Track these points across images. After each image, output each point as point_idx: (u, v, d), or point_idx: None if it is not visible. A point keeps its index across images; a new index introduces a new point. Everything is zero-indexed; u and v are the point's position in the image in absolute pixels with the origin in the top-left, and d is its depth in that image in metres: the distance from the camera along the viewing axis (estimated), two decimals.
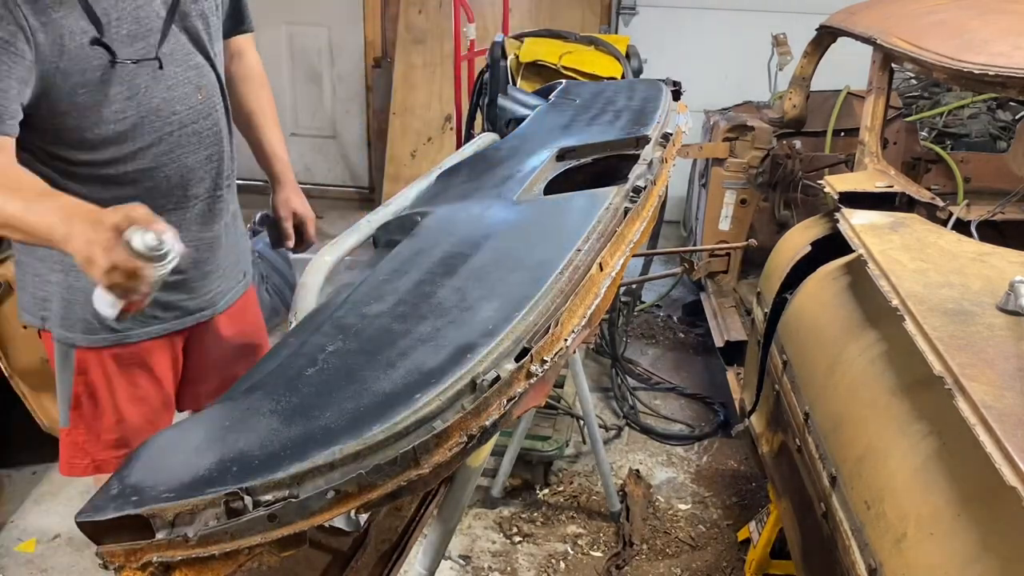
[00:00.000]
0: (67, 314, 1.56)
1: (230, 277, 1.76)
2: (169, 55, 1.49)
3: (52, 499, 2.84)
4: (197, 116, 1.56)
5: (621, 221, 1.22)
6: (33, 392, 2.77)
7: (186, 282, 1.64)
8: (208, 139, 1.59)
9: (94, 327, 1.56)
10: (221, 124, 1.63)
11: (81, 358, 1.59)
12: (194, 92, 1.55)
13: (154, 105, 1.48)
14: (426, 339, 0.90)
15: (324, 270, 1.24)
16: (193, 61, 1.55)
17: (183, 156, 1.55)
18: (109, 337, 1.58)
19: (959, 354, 1.29)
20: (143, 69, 1.45)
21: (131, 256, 1.11)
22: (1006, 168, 3.44)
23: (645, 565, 2.61)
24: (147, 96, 1.47)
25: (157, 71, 1.47)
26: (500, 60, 2.67)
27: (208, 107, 1.58)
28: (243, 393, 0.87)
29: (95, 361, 1.59)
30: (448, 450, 0.78)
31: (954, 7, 2.37)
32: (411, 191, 1.47)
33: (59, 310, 1.56)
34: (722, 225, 3.54)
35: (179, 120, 1.53)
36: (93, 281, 1.15)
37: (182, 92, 1.53)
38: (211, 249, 1.68)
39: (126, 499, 0.73)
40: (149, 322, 1.61)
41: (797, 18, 4.03)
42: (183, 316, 1.66)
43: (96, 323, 1.55)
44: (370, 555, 1.35)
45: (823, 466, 1.59)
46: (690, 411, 3.48)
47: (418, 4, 5.16)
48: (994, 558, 1.11)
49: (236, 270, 1.79)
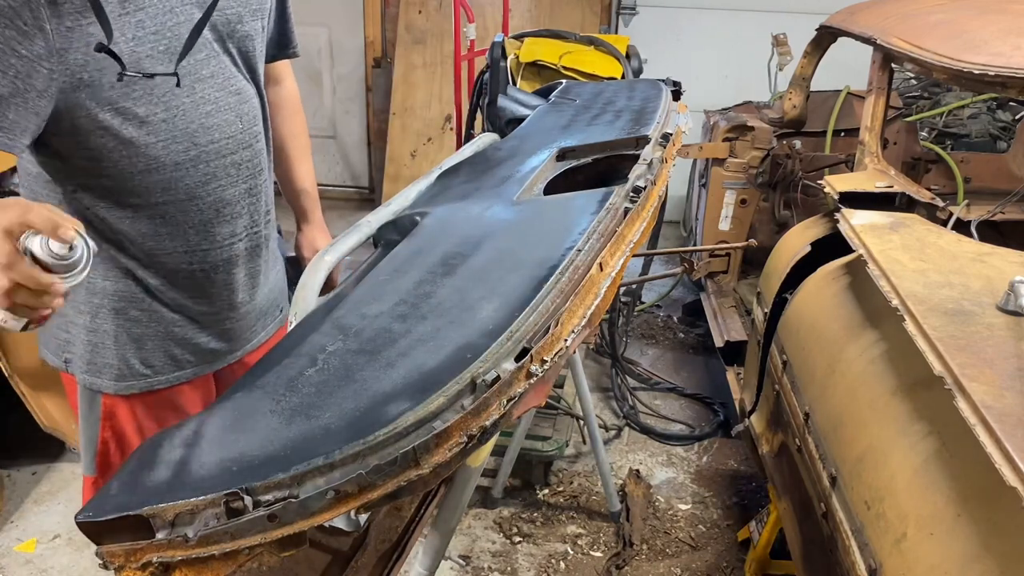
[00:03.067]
0: (93, 359, 1.44)
1: (267, 315, 1.65)
2: (209, 78, 1.36)
3: (52, 499, 2.84)
4: (237, 146, 1.42)
5: (621, 221, 1.22)
6: (33, 392, 2.77)
7: (222, 325, 1.53)
8: (247, 171, 1.45)
9: (123, 374, 1.45)
10: (262, 156, 1.50)
11: (108, 404, 1.47)
12: (235, 120, 1.41)
13: (190, 130, 1.35)
14: (426, 339, 0.90)
15: (324, 270, 1.24)
16: (235, 86, 1.41)
17: (220, 189, 1.41)
18: (138, 384, 1.47)
19: (959, 354, 1.29)
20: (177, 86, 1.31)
21: (35, 269, 0.93)
22: (1006, 168, 3.45)
23: (645, 565, 2.61)
24: (183, 120, 1.33)
25: (195, 93, 1.33)
26: (500, 60, 2.68)
27: (249, 136, 1.44)
28: (243, 393, 0.87)
29: (124, 408, 1.48)
30: (448, 450, 0.78)
31: (954, 7, 2.37)
32: (411, 191, 1.46)
33: (84, 354, 1.44)
34: (722, 225, 3.54)
35: (217, 150, 1.39)
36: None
37: (222, 119, 1.38)
38: (250, 290, 1.56)
39: (126, 499, 0.73)
40: (182, 365, 1.50)
41: (797, 18, 4.03)
42: (215, 360, 1.55)
43: (125, 369, 1.44)
44: (370, 555, 1.35)
45: (823, 466, 1.59)
46: (690, 411, 3.48)
47: (418, 4, 5.16)
48: (994, 558, 1.11)
49: (273, 307, 1.67)
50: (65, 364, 1.47)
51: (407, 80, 5.20)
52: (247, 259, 1.52)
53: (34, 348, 2.70)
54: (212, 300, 1.49)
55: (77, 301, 1.41)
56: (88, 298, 1.41)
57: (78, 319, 1.43)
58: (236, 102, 1.41)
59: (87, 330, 1.43)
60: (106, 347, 1.43)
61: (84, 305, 1.42)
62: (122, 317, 1.42)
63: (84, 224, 1.10)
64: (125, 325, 1.43)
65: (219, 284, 1.48)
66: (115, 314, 1.42)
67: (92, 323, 1.43)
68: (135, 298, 1.42)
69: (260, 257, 1.56)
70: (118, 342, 1.43)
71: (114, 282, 1.40)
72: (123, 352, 1.44)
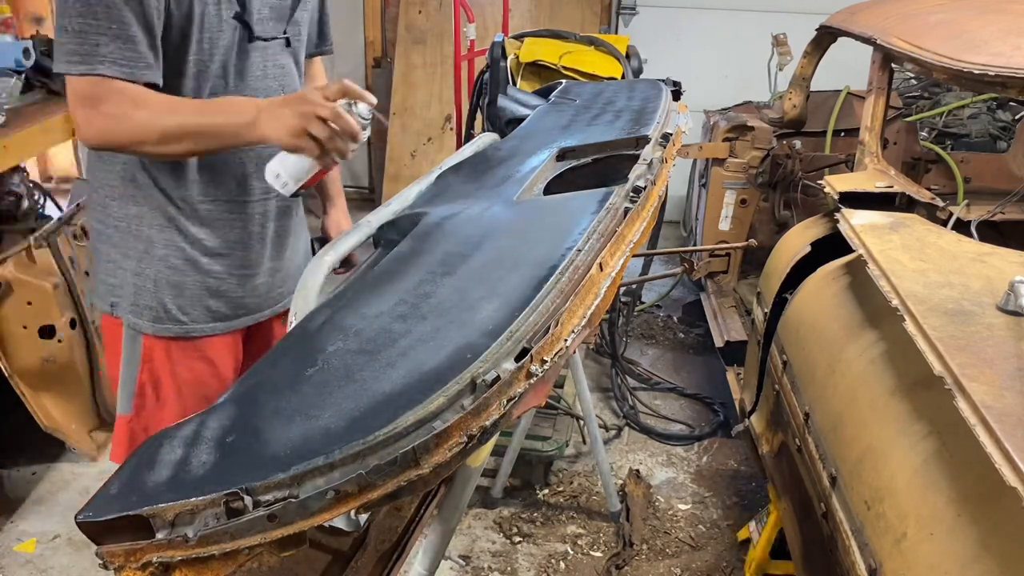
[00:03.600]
0: (137, 301, 1.57)
1: (294, 278, 1.74)
2: (263, 48, 1.54)
3: (52, 499, 2.84)
4: None
5: (621, 221, 1.22)
6: (33, 392, 2.77)
7: (253, 280, 1.66)
8: None
9: (160, 316, 1.58)
10: None
11: (148, 346, 1.60)
12: (278, 89, 1.59)
13: (240, 86, 1.52)
14: (426, 339, 0.90)
15: (324, 270, 1.24)
16: (282, 62, 1.60)
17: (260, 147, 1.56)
18: (174, 328, 1.59)
19: (959, 354, 1.29)
20: (237, 47, 1.50)
21: (356, 120, 1.29)
22: (1006, 168, 3.45)
23: (645, 565, 2.61)
24: (236, 77, 1.51)
25: (248, 57, 1.52)
26: (500, 60, 2.68)
27: None
28: (243, 393, 0.87)
29: (161, 350, 1.61)
30: (448, 450, 0.78)
31: (954, 7, 2.37)
32: (411, 191, 1.46)
33: (130, 296, 1.57)
34: (722, 225, 3.54)
35: None
36: (301, 150, 1.32)
37: (267, 85, 1.57)
38: (280, 248, 1.70)
39: (126, 499, 0.73)
40: (215, 317, 1.63)
41: (797, 18, 4.03)
42: (246, 315, 1.68)
43: (163, 313, 1.58)
44: (370, 555, 1.35)
45: (823, 466, 1.59)
46: (690, 411, 3.48)
47: (418, 4, 5.16)
48: (994, 558, 1.11)
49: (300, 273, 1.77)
50: (111, 307, 1.60)
51: (407, 80, 5.20)
52: (277, 217, 1.67)
53: (34, 348, 2.72)
54: (246, 251, 1.63)
55: (127, 247, 1.56)
56: (136, 244, 1.55)
57: (126, 264, 1.57)
58: (281, 74, 1.60)
59: (133, 273, 1.57)
60: (148, 291, 1.57)
61: (132, 251, 1.56)
62: (163, 264, 1.56)
63: (141, 173, 1.51)
64: (166, 272, 1.56)
65: (253, 236, 1.63)
66: (158, 260, 1.56)
67: (138, 267, 1.56)
68: (178, 247, 1.56)
69: (289, 219, 1.71)
70: (158, 287, 1.56)
71: (159, 230, 1.54)
72: (162, 297, 1.57)
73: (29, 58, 3.02)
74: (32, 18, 4.97)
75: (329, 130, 1.29)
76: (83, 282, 2.92)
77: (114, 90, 1.35)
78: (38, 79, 3.14)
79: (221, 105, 1.41)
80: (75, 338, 2.84)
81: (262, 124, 1.33)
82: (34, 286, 2.70)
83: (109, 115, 1.36)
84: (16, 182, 3.23)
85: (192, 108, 1.40)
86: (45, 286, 2.71)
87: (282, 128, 1.31)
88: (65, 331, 2.77)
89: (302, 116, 1.29)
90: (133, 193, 1.53)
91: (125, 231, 1.55)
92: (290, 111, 1.31)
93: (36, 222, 3.23)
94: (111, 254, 1.58)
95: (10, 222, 3.19)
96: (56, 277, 2.78)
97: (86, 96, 1.35)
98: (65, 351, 2.78)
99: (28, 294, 2.69)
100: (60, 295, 2.77)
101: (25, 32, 4.13)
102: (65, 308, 2.79)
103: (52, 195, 3.83)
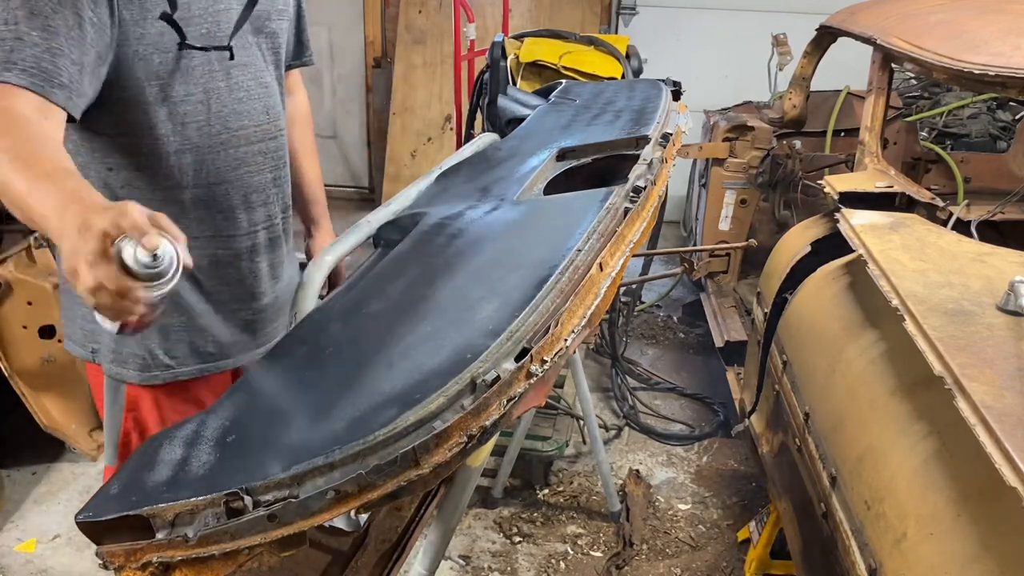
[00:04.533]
0: (119, 349, 1.47)
1: (285, 312, 1.66)
2: (243, 66, 1.42)
3: (52, 499, 2.84)
4: (264, 136, 1.48)
5: (621, 221, 1.22)
6: (33, 392, 2.77)
7: (244, 316, 1.56)
8: (272, 161, 1.52)
9: (147, 364, 1.48)
10: (285, 149, 1.56)
11: (132, 395, 1.50)
12: (262, 111, 1.47)
13: (223, 114, 1.41)
14: (426, 339, 0.90)
15: (324, 270, 1.24)
16: (264, 79, 1.48)
17: (248, 175, 1.47)
18: (162, 375, 1.49)
19: (959, 354, 1.29)
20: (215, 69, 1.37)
21: (121, 273, 0.90)
22: (1006, 168, 3.45)
23: (645, 565, 2.61)
24: (217, 103, 1.39)
25: (229, 78, 1.39)
26: (500, 60, 2.67)
27: (275, 128, 1.51)
28: (243, 393, 0.87)
29: (147, 398, 1.51)
30: (448, 450, 0.78)
31: (954, 7, 2.37)
32: (411, 191, 1.46)
33: (110, 344, 1.47)
34: (722, 225, 3.54)
35: (246, 136, 1.45)
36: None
37: (251, 107, 1.45)
38: (271, 281, 1.59)
39: (126, 499, 0.73)
40: (204, 358, 1.53)
41: (797, 18, 4.03)
42: (236, 353, 1.57)
43: (150, 359, 1.47)
44: (370, 555, 1.35)
45: (823, 466, 1.59)
46: (690, 411, 3.48)
47: (418, 4, 5.16)
48: (994, 558, 1.11)
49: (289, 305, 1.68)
50: (92, 354, 1.50)
51: (407, 80, 5.20)
52: (268, 249, 1.56)
53: (34, 348, 2.72)
54: (235, 288, 1.52)
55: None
56: None
57: None
58: (264, 94, 1.47)
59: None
60: (131, 339, 1.45)
61: None
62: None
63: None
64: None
65: (243, 272, 1.52)
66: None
67: None
68: None
69: (280, 249, 1.60)
70: (143, 333, 1.43)
71: None
72: (148, 342, 1.46)
73: None
74: None
75: (93, 279, 0.90)
76: None
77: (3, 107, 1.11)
78: None
79: (50, 190, 1.02)
80: None
81: (64, 238, 0.95)
82: (34, 286, 2.70)
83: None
84: None
85: (32, 175, 1.05)
86: (45, 286, 2.71)
87: (66, 259, 0.94)
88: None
89: (73, 252, 0.92)
90: None
91: None
92: (68, 240, 0.93)
93: None
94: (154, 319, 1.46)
95: (10, 222, 3.19)
96: (56, 277, 2.78)
97: None
98: (65, 351, 2.78)
99: (28, 294, 2.69)
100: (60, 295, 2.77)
101: None
102: None
103: None
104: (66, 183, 1.04)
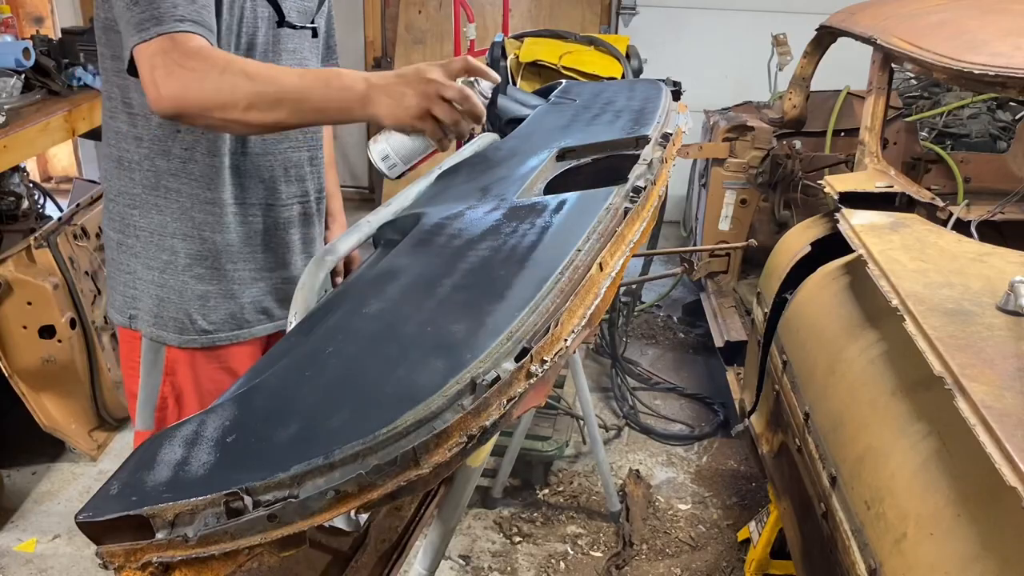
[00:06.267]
0: (160, 312, 1.52)
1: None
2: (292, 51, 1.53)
3: (52, 499, 2.84)
4: None
5: (621, 221, 1.22)
6: (33, 392, 2.77)
7: (277, 285, 1.62)
8: (311, 141, 1.62)
9: (186, 327, 1.53)
10: (320, 134, 1.66)
11: (171, 358, 1.55)
12: None
13: None
14: (426, 339, 0.90)
15: (324, 270, 1.24)
16: (307, 65, 1.59)
17: (289, 150, 1.56)
18: (199, 339, 1.54)
19: (959, 354, 1.29)
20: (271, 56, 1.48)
21: (480, 100, 1.25)
22: (1006, 168, 3.45)
23: (645, 565, 2.61)
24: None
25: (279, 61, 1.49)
26: (500, 60, 2.68)
27: None
28: (243, 393, 0.87)
29: (184, 362, 1.56)
30: (448, 450, 0.78)
31: (954, 7, 2.37)
32: (411, 191, 1.46)
33: (151, 308, 1.52)
34: (722, 225, 3.54)
35: None
36: (421, 132, 1.28)
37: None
38: (303, 255, 1.66)
39: (126, 499, 0.73)
40: (240, 324, 1.58)
41: (797, 18, 4.03)
42: (269, 322, 1.63)
43: (188, 324, 1.53)
44: (370, 555, 1.35)
45: (823, 466, 1.59)
46: (690, 411, 3.48)
47: (418, 4, 5.16)
48: (994, 558, 1.11)
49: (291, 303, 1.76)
50: (130, 320, 1.55)
51: None
52: (301, 224, 1.64)
53: (34, 348, 2.72)
54: (271, 256, 1.60)
55: (148, 257, 1.51)
56: (159, 254, 1.51)
57: (147, 275, 1.52)
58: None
59: (156, 285, 1.52)
60: (172, 302, 1.52)
61: (155, 262, 1.51)
62: (188, 273, 1.52)
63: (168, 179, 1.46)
64: (191, 282, 1.52)
65: (278, 241, 1.60)
66: (183, 270, 1.51)
67: (160, 278, 1.52)
68: (203, 255, 1.52)
69: (312, 227, 1.68)
70: (183, 297, 1.52)
71: (183, 239, 1.50)
72: (187, 307, 1.52)
73: (29, 58, 3.02)
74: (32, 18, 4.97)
75: (455, 112, 1.24)
76: (83, 282, 2.92)
77: (199, 46, 1.21)
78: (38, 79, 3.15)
79: (327, 76, 1.27)
80: (75, 338, 2.84)
81: (376, 102, 1.22)
82: (34, 286, 2.70)
83: (194, 69, 1.19)
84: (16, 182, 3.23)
85: (292, 74, 1.27)
86: (45, 286, 2.71)
87: (400, 108, 1.22)
88: (65, 331, 2.77)
89: (425, 96, 1.21)
90: (157, 201, 1.48)
91: (147, 241, 1.50)
92: (412, 91, 1.22)
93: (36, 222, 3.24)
94: (131, 265, 1.53)
95: (10, 222, 3.19)
96: (56, 277, 2.78)
97: (165, 51, 1.19)
98: (65, 351, 2.78)
99: (28, 294, 2.69)
100: (60, 295, 2.77)
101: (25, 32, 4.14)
102: (65, 308, 2.79)
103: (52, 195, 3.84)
104: (342, 72, 1.27)
